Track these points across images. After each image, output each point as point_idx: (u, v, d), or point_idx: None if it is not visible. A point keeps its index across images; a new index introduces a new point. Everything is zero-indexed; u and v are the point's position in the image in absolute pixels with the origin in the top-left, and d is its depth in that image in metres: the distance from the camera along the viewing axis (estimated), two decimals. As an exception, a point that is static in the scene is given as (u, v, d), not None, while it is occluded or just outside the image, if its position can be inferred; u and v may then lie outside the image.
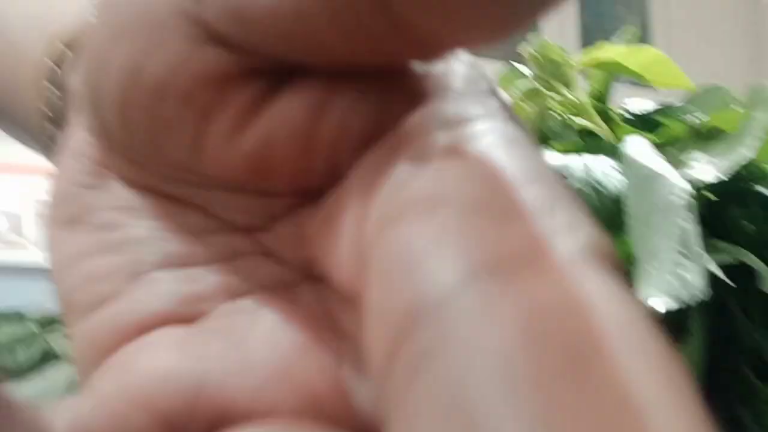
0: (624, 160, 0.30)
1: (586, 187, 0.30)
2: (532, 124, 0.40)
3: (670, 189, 0.28)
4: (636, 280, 0.25)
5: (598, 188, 0.30)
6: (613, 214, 0.29)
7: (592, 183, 0.30)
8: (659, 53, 0.40)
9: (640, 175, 0.29)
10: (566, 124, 0.41)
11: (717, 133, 0.36)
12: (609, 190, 0.30)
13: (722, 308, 0.29)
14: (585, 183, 0.30)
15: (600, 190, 0.30)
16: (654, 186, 0.28)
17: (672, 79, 0.41)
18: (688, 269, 0.25)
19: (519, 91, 0.41)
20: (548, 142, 0.39)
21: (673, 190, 0.28)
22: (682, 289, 0.24)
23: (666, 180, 0.28)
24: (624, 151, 0.31)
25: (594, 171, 0.30)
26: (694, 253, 0.25)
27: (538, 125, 0.40)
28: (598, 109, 0.42)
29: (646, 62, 0.40)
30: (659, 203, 0.27)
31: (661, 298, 0.24)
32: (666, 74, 0.41)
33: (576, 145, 0.37)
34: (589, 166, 0.31)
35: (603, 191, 0.30)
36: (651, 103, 0.44)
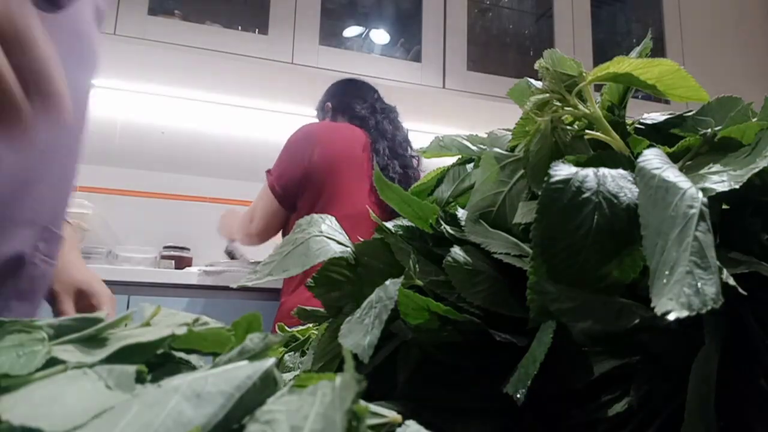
0: (638, 171, 0.30)
1: (600, 199, 0.30)
2: (545, 137, 0.40)
3: (684, 200, 0.28)
4: (651, 291, 0.25)
5: (611, 200, 0.30)
6: (626, 225, 0.29)
7: (606, 195, 0.30)
8: (675, 65, 0.40)
9: (655, 186, 0.29)
10: (579, 137, 0.41)
11: (731, 144, 0.36)
12: (622, 201, 0.30)
13: (736, 318, 0.29)
14: (598, 195, 0.30)
15: (614, 202, 0.30)
16: (668, 197, 0.28)
17: (687, 91, 0.41)
18: (703, 279, 0.24)
19: (532, 103, 0.42)
20: (561, 155, 0.40)
21: (687, 200, 0.27)
22: (696, 298, 0.24)
23: (681, 191, 0.28)
24: (638, 162, 0.31)
25: (607, 183, 0.31)
26: (709, 263, 0.25)
27: (552, 137, 0.40)
28: (612, 122, 0.42)
29: (661, 75, 0.40)
30: (674, 214, 0.27)
31: (676, 307, 0.23)
32: (681, 86, 0.41)
33: (589, 157, 0.38)
34: (603, 178, 0.31)
35: (616, 203, 0.30)
36: (665, 115, 0.44)
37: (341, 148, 1.81)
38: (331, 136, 1.83)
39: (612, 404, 0.30)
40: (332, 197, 1.76)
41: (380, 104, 1.98)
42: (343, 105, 1.98)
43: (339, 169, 1.78)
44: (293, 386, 0.21)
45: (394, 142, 1.89)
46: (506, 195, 0.41)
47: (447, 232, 0.39)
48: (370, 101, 1.97)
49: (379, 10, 2.61)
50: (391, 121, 1.95)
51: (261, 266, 0.42)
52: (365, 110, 1.94)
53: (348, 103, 1.97)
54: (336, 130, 1.88)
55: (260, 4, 2.28)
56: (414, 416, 0.23)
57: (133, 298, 1.75)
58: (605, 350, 0.31)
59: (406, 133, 1.97)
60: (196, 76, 2.32)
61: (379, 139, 1.87)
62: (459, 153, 0.50)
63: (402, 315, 0.33)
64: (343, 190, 1.77)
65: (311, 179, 1.78)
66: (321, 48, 2.29)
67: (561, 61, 0.43)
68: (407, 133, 1.98)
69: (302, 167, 1.78)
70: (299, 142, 1.83)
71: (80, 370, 0.21)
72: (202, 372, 0.20)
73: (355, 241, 0.43)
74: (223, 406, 0.18)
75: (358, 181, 1.79)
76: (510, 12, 2.86)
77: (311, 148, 1.79)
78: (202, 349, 0.27)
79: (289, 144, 1.86)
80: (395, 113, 2.00)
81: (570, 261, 0.29)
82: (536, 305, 0.30)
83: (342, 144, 1.82)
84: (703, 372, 0.26)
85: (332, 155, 1.79)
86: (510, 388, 0.27)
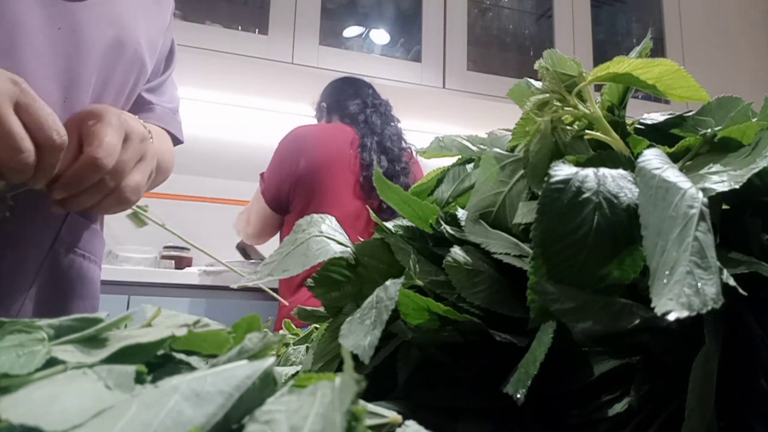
0: (638, 172, 0.30)
1: (600, 199, 0.30)
2: (545, 137, 0.40)
3: (684, 200, 0.28)
4: (651, 291, 0.25)
5: (611, 200, 0.30)
6: (627, 225, 0.29)
7: (606, 195, 0.30)
8: (675, 65, 0.40)
9: (655, 186, 0.29)
10: (579, 137, 0.41)
11: (731, 144, 0.36)
12: (623, 201, 0.30)
13: (736, 318, 0.29)
14: (599, 195, 0.30)
15: (614, 202, 0.30)
16: (668, 197, 0.28)
17: (687, 91, 0.41)
18: (703, 279, 0.24)
19: (532, 104, 0.42)
20: (561, 155, 0.40)
21: (687, 200, 0.27)
22: (696, 298, 0.24)
23: (681, 191, 0.28)
24: (638, 162, 0.31)
25: (607, 183, 0.30)
26: (709, 263, 0.25)
27: (552, 137, 0.40)
28: (612, 122, 0.42)
29: (661, 75, 0.40)
30: (674, 214, 0.27)
31: (676, 307, 0.23)
32: (681, 86, 0.41)
33: (589, 157, 0.38)
34: (603, 178, 0.31)
35: (617, 203, 0.30)
36: (665, 115, 0.44)
37: (329, 150, 1.81)
38: (319, 140, 1.83)
39: (612, 404, 0.30)
40: (323, 199, 1.76)
41: (372, 99, 1.98)
42: (337, 104, 1.97)
43: (327, 172, 1.78)
44: (293, 386, 0.21)
45: (383, 136, 1.87)
46: (506, 195, 0.41)
47: (447, 232, 0.39)
48: (363, 97, 1.97)
49: (379, 10, 2.61)
50: (380, 115, 1.94)
51: (261, 266, 0.42)
52: (356, 107, 1.93)
53: (341, 101, 1.96)
54: (324, 131, 1.88)
55: (260, 4, 2.28)
56: (414, 416, 0.23)
57: (133, 298, 1.75)
58: (605, 350, 0.31)
59: (397, 126, 1.96)
60: (196, 76, 2.31)
61: (368, 134, 1.86)
62: (459, 153, 0.50)
63: (402, 315, 0.33)
64: (333, 191, 1.77)
65: (299, 184, 1.78)
66: (321, 48, 2.29)
67: (561, 61, 0.43)
68: (399, 126, 1.96)
69: (290, 173, 1.79)
70: (287, 147, 1.84)
71: (80, 370, 0.21)
72: (201, 372, 0.20)
73: (354, 241, 0.43)
74: (223, 405, 0.18)
75: (347, 181, 1.79)
76: (510, 12, 2.86)
77: (298, 153, 1.79)
78: (202, 351, 0.26)
79: (278, 149, 1.87)
80: (387, 107, 1.98)
81: (570, 261, 0.29)
82: (536, 305, 0.30)
83: (330, 145, 1.82)
84: (703, 372, 0.26)
85: (320, 158, 1.78)
86: (510, 388, 0.27)
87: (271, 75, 2.30)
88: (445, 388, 0.32)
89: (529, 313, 0.30)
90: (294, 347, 0.48)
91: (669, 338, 0.29)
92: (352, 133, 1.86)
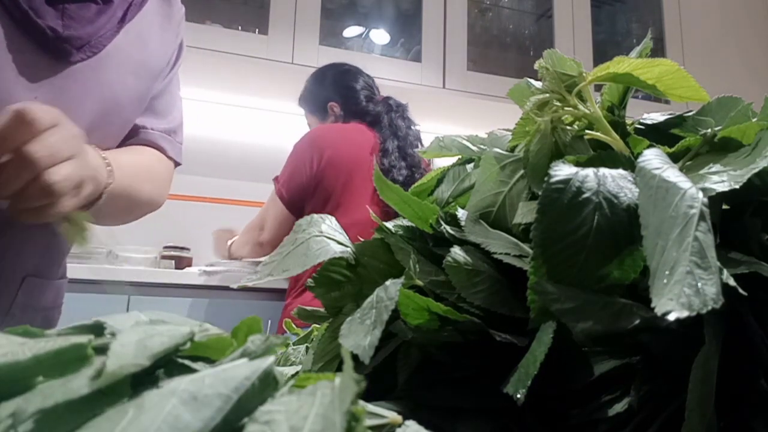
0: (638, 172, 0.30)
1: (600, 199, 0.30)
2: (545, 137, 0.40)
3: (684, 200, 0.27)
4: (651, 291, 0.25)
5: (611, 200, 0.30)
6: (627, 225, 0.29)
7: (606, 195, 0.30)
8: (675, 65, 0.40)
9: (655, 186, 0.29)
10: (579, 137, 0.41)
11: (731, 144, 0.36)
12: (623, 201, 0.30)
13: (736, 318, 0.29)
14: (599, 195, 0.30)
15: (614, 202, 0.30)
16: (668, 197, 0.28)
17: (687, 91, 0.41)
18: (703, 279, 0.24)
19: (532, 104, 0.42)
20: (561, 155, 0.40)
21: (687, 200, 0.27)
22: (696, 298, 0.24)
23: (681, 191, 0.28)
24: (638, 162, 0.31)
25: (607, 183, 0.30)
26: (709, 263, 0.25)
27: (552, 137, 0.40)
28: (612, 122, 0.42)
29: (661, 75, 0.40)
30: (674, 214, 0.27)
31: (676, 307, 0.23)
32: (681, 86, 0.41)
33: (589, 157, 0.37)
34: (603, 178, 0.31)
35: (617, 203, 0.30)
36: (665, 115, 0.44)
37: (348, 153, 1.78)
38: (339, 141, 1.80)
39: (612, 404, 0.30)
40: (339, 203, 1.74)
41: (394, 101, 1.96)
42: (351, 102, 1.93)
43: (346, 176, 1.76)
44: (292, 386, 0.21)
45: (405, 141, 1.85)
46: (506, 195, 0.41)
47: (447, 232, 0.39)
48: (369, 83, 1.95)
49: (379, 10, 2.61)
50: (404, 118, 1.92)
51: (261, 266, 0.42)
52: (379, 106, 1.91)
53: (354, 98, 1.93)
54: (344, 132, 1.85)
55: (260, 4, 2.28)
56: (414, 416, 0.23)
57: (133, 298, 1.75)
58: (605, 350, 0.31)
59: (417, 130, 1.94)
60: (196, 76, 2.31)
61: (391, 137, 1.84)
62: (459, 153, 0.50)
63: (402, 315, 0.33)
64: (350, 196, 1.75)
65: (318, 186, 1.76)
66: (321, 48, 2.29)
67: (561, 62, 0.43)
68: (419, 130, 1.95)
69: (308, 174, 1.76)
70: (305, 148, 1.81)
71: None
72: (200, 373, 0.20)
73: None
74: (221, 409, 0.18)
75: (365, 187, 1.77)
76: (510, 12, 2.86)
77: (318, 155, 1.77)
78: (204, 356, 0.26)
79: (295, 150, 1.84)
80: (407, 110, 1.97)
81: (570, 261, 0.29)
82: (536, 305, 0.30)
83: (349, 149, 1.79)
84: (703, 372, 0.26)
85: (339, 161, 1.76)
86: (510, 388, 0.27)
87: (271, 75, 2.30)
88: (445, 388, 0.32)
89: (529, 313, 0.30)
90: (294, 347, 0.48)
91: (669, 338, 0.29)
92: (373, 138, 1.83)
